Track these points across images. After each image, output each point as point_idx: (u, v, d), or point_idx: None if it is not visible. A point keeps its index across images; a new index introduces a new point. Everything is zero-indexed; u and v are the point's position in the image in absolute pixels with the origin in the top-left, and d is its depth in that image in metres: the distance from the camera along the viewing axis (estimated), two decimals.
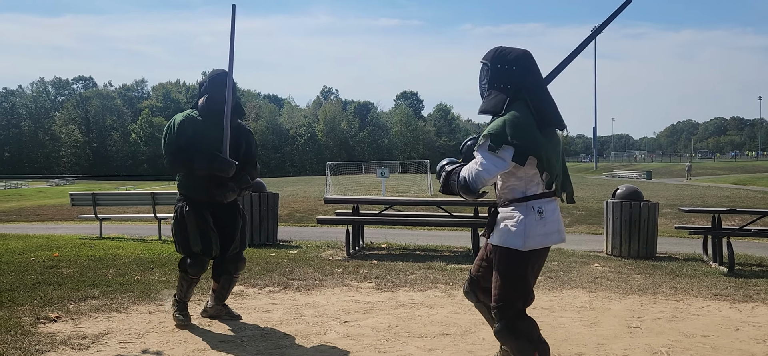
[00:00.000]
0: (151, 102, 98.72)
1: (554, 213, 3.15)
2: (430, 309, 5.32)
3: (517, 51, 3.24)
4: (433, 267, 7.43)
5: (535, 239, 3.06)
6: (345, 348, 4.14)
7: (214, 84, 4.49)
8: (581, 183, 33.31)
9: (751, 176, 43.94)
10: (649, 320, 4.99)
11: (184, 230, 4.47)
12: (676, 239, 11.14)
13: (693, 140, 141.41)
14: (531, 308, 3.20)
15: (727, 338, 4.46)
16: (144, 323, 4.70)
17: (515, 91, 3.13)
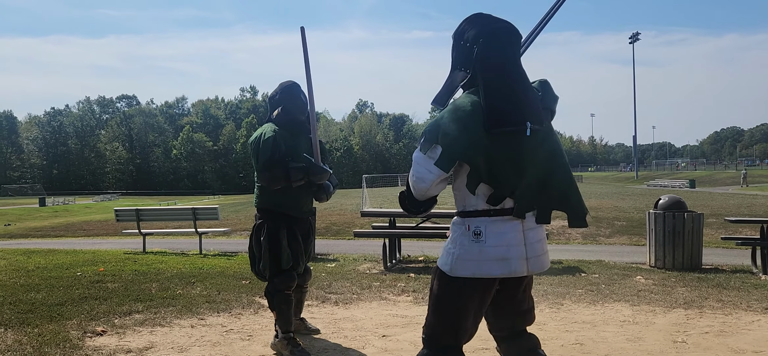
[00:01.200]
0: (191, 119, 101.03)
1: (503, 237, 2.44)
2: None
3: (487, 24, 2.53)
4: None
5: (464, 265, 2.46)
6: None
7: (288, 95, 4.48)
8: (622, 193, 32.61)
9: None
10: (696, 334, 4.84)
11: (276, 248, 4.28)
12: (722, 250, 10.81)
13: (738, 148, 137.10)
14: (573, 321, 3.08)
15: None
16: (186, 337, 4.79)
17: (472, 75, 2.50)
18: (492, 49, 2.46)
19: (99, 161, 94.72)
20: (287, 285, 4.29)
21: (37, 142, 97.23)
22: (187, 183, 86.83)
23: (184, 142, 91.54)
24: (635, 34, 78.17)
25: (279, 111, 4.45)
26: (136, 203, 39.45)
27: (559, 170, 2.56)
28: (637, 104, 75.88)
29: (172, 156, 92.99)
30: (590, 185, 54.34)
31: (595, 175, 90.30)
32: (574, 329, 5.03)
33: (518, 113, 2.40)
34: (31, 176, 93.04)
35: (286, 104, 4.46)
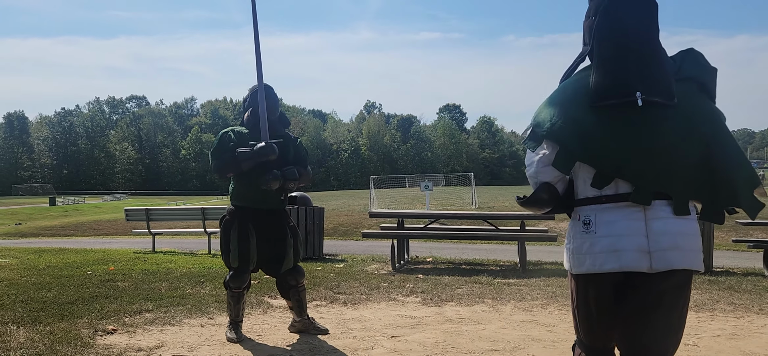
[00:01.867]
0: (200, 119, 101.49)
1: (613, 226, 2.15)
2: (477, 324, 5.27)
3: None
4: (479, 282, 7.36)
5: (580, 260, 2.25)
6: None
7: (257, 97, 4.60)
8: None
9: None
10: (707, 338, 4.81)
11: (225, 244, 4.58)
12: (733, 253, 10.73)
13: (749, 150, 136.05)
14: None
15: None
16: (196, 336, 4.80)
17: (591, 50, 2.27)
18: (609, 20, 2.21)
19: (108, 161, 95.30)
20: (236, 284, 4.59)
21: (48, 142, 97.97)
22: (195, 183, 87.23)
23: (192, 142, 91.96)
24: None
25: (249, 113, 4.68)
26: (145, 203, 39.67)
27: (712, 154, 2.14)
28: None
29: (181, 156, 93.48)
30: None
31: None
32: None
33: (625, 84, 2.11)
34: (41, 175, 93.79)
35: (255, 106, 4.62)
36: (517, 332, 4.97)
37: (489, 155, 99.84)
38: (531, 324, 5.25)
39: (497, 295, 6.54)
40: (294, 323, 4.89)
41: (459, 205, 26.57)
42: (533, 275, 7.99)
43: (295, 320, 4.87)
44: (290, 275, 4.73)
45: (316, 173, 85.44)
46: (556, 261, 9.40)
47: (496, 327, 5.14)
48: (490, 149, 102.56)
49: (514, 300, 6.31)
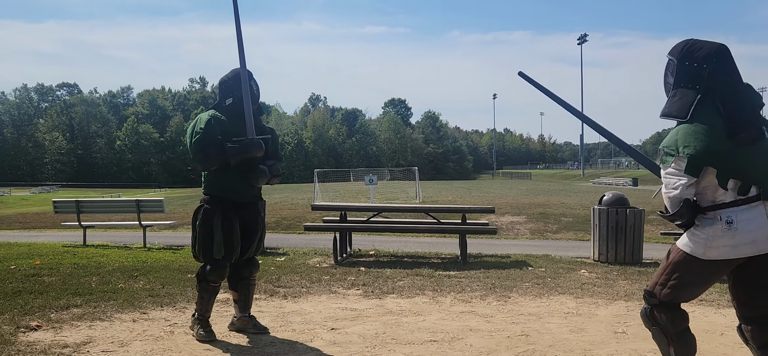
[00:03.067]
0: (136, 109, 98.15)
1: (752, 222, 2.83)
2: (417, 315, 5.30)
3: (709, 46, 2.98)
4: (421, 274, 7.41)
5: (718, 250, 2.89)
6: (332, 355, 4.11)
7: (238, 83, 4.36)
8: (569, 190, 33.50)
9: None
10: (636, 325, 4.99)
11: (208, 234, 4.29)
12: (661, 246, 11.20)
13: None
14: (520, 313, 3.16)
15: (711, 342, 4.48)
16: (127, 331, 4.63)
17: (705, 92, 2.90)
18: (721, 68, 2.92)
19: (37, 152, 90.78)
20: (215, 277, 4.35)
21: None
22: (131, 175, 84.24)
23: (128, 133, 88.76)
24: (584, 35, 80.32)
25: (231, 100, 4.38)
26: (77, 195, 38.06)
27: None
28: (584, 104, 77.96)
29: (116, 147, 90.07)
30: (539, 183, 55.63)
31: (544, 173, 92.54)
32: (520, 321, 5.11)
33: (755, 122, 2.88)
34: None
35: (237, 92, 4.36)
36: (456, 323, 5.03)
37: (433, 150, 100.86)
38: (470, 315, 5.32)
39: (438, 287, 6.60)
40: (234, 321, 4.68)
41: (403, 199, 26.73)
42: (473, 267, 8.11)
43: (236, 317, 4.66)
44: (245, 267, 4.56)
45: None
46: (496, 254, 9.58)
47: (436, 318, 5.18)
48: (434, 144, 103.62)
49: (454, 291, 6.38)
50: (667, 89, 3.09)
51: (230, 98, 4.40)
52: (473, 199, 24.04)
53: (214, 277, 4.35)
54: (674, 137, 2.90)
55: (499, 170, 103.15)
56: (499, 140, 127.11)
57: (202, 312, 4.42)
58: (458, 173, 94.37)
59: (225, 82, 4.47)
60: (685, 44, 3.02)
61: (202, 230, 4.32)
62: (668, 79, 3.07)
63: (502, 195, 26.00)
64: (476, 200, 22.70)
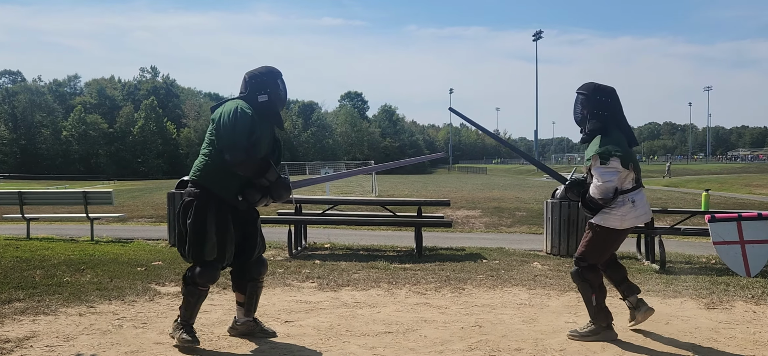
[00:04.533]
0: (84, 98, 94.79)
1: (644, 199, 4.26)
2: (372, 307, 5.30)
3: (609, 87, 4.33)
4: (376, 267, 7.41)
5: (630, 221, 4.20)
6: (285, 348, 4.06)
7: (273, 83, 4.10)
8: (523, 185, 34.10)
9: (682, 178, 46.11)
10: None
11: (200, 233, 3.87)
12: None
13: None
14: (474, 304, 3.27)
15: (658, 331, 4.63)
16: (73, 325, 4.48)
17: (610, 117, 4.23)
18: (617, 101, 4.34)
19: None
20: (205, 281, 3.97)
21: None
22: (78, 167, 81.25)
23: (75, 123, 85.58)
24: (539, 32, 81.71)
25: (266, 98, 4.03)
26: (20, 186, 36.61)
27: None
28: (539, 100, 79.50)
29: (62, 138, 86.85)
30: (494, 177, 56.41)
31: (500, 167, 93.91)
32: (474, 312, 5.17)
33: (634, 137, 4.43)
34: None
35: (272, 90, 4.08)
36: (411, 314, 5.05)
37: (390, 143, 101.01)
38: (424, 307, 5.35)
39: (393, 279, 6.62)
40: (236, 325, 4.30)
41: (359, 192, 26.71)
42: (429, 260, 8.16)
43: (240, 321, 4.28)
44: (255, 267, 4.20)
45: None
46: (451, 247, 9.66)
47: (391, 310, 5.19)
48: (391, 137, 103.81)
49: (410, 283, 6.41)
50: (577, 116, 4.37)
51: (265, 95, 4.03)
52: (429, 193, 24.21)
53: (204, 280, 3.96)
54: (603, 146, 4.11)
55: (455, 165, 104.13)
56: (456, 135, 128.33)
57: (186, 317, 4.00)
58: (415, 168, 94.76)
59: (257, 77, 4.09)
60: (594, 85, 4.32)
61: (194, 227, 3.88)
62: (580, 110, 4.35)
63: (457, 189, 26.28)
64: (432, 194, 22.86)
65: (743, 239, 7.49)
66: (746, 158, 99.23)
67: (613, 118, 4.25)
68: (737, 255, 7.43)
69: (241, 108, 3.92)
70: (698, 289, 6.30)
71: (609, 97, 4.28)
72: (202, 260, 3.92)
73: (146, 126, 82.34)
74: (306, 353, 3.99)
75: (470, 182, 38.84)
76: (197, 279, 3.94)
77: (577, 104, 4.37)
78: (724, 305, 5.59)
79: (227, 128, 3.84)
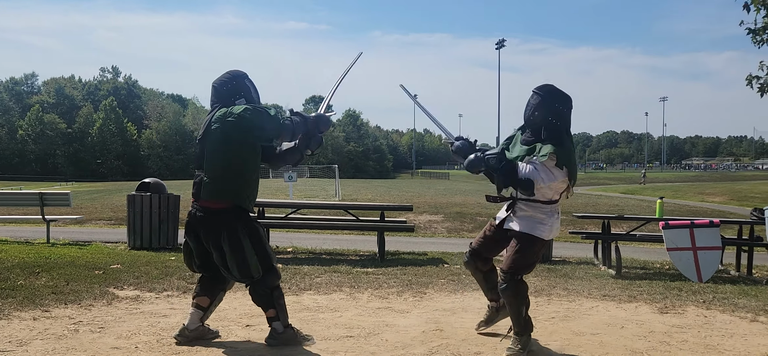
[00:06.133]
0: (42, 98, 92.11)
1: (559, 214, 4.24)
2: (334, 311, 5.31)
3: (566, 94, 4.16)
4: (338, 271, 7.42)
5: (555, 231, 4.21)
6: (247, 352, 4.04)
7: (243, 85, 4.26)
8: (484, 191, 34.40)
9: (637, 185, 47.34)
10: (543, 320, 5.23)
11: (263, 246, 4.07)
12: (570, 244, 11.77)
13: (587, 152, 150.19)
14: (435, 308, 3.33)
15: (613, 335, 4.76)
16: (27, 330, 4.36)
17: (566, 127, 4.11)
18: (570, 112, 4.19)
19: None
20: (277, 280, 4.15)
21: None
22: (35, 167, 78.90)
23: (32, 122, 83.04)
24: (501, 40, 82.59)
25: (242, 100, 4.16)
26: None
27: None
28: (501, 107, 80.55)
29: (18, 137, 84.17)
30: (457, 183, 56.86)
31: (462, 173, 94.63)
32: (435, 316, 5.23)
33: None
34: None
35: (245, 95, 4.22)
36: (373, 318, 5.08)
37: (354, 148, 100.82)
38: (386, 311, 5.39)
39: (355, 283, 6.64)
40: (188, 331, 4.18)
41: (323, 196, 26.62)
42: (391, 264, 8.21)
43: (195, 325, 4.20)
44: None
45: (175, 161, 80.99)
46: (414, 251, 9.73)
47: (353, 314, 5.21)
48: (355, 142, 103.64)
49: (372, 287, 6.44)
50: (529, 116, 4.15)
51: (241, 98, 4.18)
52: (392, 197, 24.29)
53: (278, 279, 4.20)
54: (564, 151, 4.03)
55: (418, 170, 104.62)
56: (419, 141, 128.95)
57: (286, 319, 4.17)
58: (378, 172, 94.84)
59: (227, 83, 4.23)
60: (554, 88, 4.16)
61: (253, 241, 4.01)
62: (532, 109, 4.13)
63: (420, 194, 26.43)
64: (395, 199, 22.94)
65: (695, 245, 7.84)
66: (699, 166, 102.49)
67: (565, 128, 4.13)
68: (690, 261, 7.76)
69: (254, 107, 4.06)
70: (652, 294, 6.50)
71: (565, 106, 4.15)
72: (271, 264, 4.11)
73: (105, 127, 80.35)
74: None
75: (433, 187, 39.13)
76: (275, 282, 4.13)
77: (531, 103, 4.16)
78: (677, 309, 5.78)
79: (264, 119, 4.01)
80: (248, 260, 3.98)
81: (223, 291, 4.34)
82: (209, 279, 4.25)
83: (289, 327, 4.17)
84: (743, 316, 5.51)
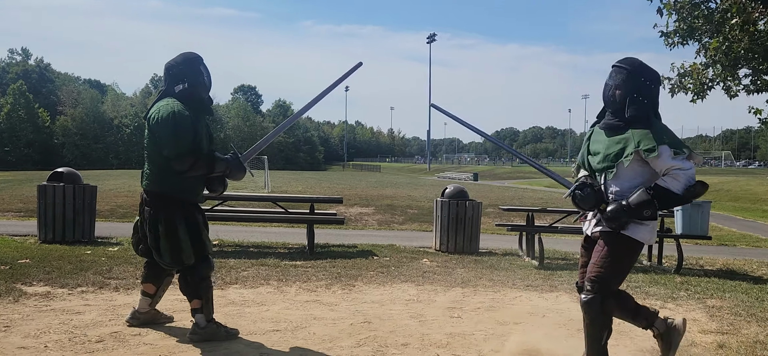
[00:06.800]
0: None
1: None
2: (260, 305, 5.19)
3: (654, 69, 3.45)
4: (266, 264, 7.27)
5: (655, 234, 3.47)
6: (166, 348, 3.88)
7: (194, 71, 4.05)
8: (415, 183, 34.91)
9: None
10: (470, 310, 5.32)
11: (199, 234, 4.03)
12: (497, 236, 12.06)
13: (514, 147, 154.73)
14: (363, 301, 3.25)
15: (535, 324, 4.90)
16: None
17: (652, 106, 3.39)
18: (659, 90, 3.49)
19: None
20: (210, 270, 4.11)
21: None
22: None
23: None
24: (432, 34, 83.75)
25: (183, 87, 4.02)
26: None
27: None
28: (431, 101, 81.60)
29: None
30: (387, 176, 57.27)
31: (393, 166, 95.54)
32: (363, 308, 5.21)
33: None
34: None
35: (191, 79, 4.05)
36: (300, 312, 5.00)
37: (284, 139, 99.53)
38: (314, 304, 5.32)
39: (283, 277, 6.52)
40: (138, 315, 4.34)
41: (251, 188, 26.10)
42: (320, 257, 8.13)
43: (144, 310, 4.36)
44: None
45: (93, 150, 77.25)
46: (343, 244, 9.69)
47: (280, 308, 5.12)
48: (285, 133, 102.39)
49: (300, 281, 6.35)
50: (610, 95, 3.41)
51: (182, 85, 4.02)
52: (323, 189, 24.16)
53: (210, 270, 4.12)
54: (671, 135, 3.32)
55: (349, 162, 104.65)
56: (350, 132, 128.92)
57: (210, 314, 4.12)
58: (309, 164, 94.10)
59: (175, 67, 4.07)
60: (640, 63, 3.43)
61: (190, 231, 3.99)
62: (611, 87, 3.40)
63: (351, 187, 26.42)
64: (326, 191, 22.83)
65: None
66: None
67: (653, 108, 3.40)
68: None
69: (177, 110, 3.88)
70: (572, 283, 6.72)
71: (655, 83, 3.43)
72: (204, 255, 4.05)
73: (14, 112, 75.36)
74: (189, 354, 3.82)
75: (364, 179, 39.21)
76: (207, 273, 4.07)
77: (611, 80, 3.42)
78: None
79: (170, 136, 3.83)
80: (182, 246, 3.96)
81: (170, 277, 4.33)
82: (155, 264, 4.22)
83: (212, 322, 4.10)
84: (653, 303, 5.80)
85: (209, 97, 4.21)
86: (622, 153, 3.30)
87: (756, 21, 7.46)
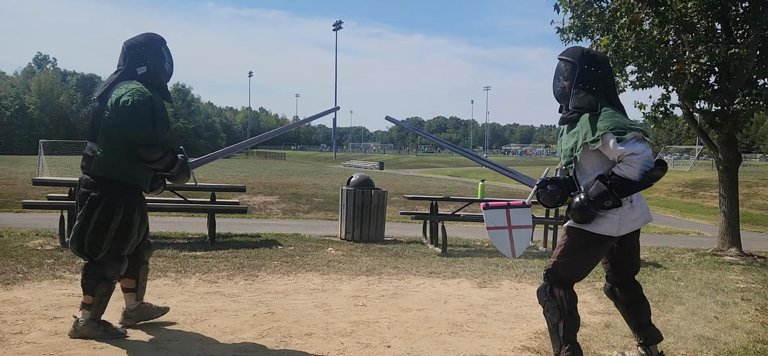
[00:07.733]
0: None
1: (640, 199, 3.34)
2: (158, 299, 4.94)
3: (601, 54, 3.49)
4: (163, 255, 6.95)
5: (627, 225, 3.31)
6: (51, 347, 3.61)
7: (156, 54, 3.79)
8: (321, 172, 34.72)
9: (464, 169, 50.71)
10: (374, 298, 5.35)
11: (126, 231, 3.76)
12: (402, 224, 12.22)
13: (419, 137, 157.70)
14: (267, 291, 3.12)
15: (437, 310, 5.00)
16: None
17: (601, 91, 3.33)
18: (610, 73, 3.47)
19: None
20: (119, 273, 3.87)
21: None
22: None
23: None
24: (339, 22, 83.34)
25: (145, 70, 3.75)
26: None
27: None
28: (338, 89, 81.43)
29: None
30: (293, 164, 56.63)
31: (298, 154, 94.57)
32: (266, 299, 5.11)
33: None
34: None
35: (153, 62, 3.80)
36: (200, 304, 4.83)
37: (183, 125, 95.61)
38: (215, 296, 5.16)
39: (182, 268, 6.27)
40: (130, 312, 4.11)
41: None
42: (222, 247, 7.89)
43: (132, 307, 4.11)
44: (146, 249, 4.11)
45: None
46: (247, 233, 9.46)
47: (178, 301, 4.91)
48: (185, 119, 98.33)
49: (200, 272, 6.13)
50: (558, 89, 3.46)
51: (144, 67, 3.78)
52: (225, 177, 23.48)
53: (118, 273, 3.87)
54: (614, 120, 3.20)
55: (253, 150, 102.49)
56: (255, 119, 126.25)
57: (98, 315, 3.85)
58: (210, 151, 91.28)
59: (136, 47, 3.80)
60: (583, 51, 3.44)
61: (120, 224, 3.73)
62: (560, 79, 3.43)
63: (255, 175, 25.86)
64: (228, 179, 22.20)
65: (511, 224, 8.47)
66: (516, 152, 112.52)
67: (604, 93, 3.36)
68: (505, 239, 8.36)
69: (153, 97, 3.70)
70: (473, 270, 6.95)
71: (600, 67, 3.38)
72: (120, 254, 3.80)
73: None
74: (76, 352, 3.57)
75: (269, 167, 38.51)
76: (112, 273, 3.81)
77: (559, 73, 3.46)
78: (494, 283, 6.24)
79: (145, 123, 3.62)
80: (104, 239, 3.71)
81: (144, 265, 4.15)
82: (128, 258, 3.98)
83: (97, 321, 3.84)
84: None
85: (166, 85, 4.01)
86: (576, 146, 3.31)
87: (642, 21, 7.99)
